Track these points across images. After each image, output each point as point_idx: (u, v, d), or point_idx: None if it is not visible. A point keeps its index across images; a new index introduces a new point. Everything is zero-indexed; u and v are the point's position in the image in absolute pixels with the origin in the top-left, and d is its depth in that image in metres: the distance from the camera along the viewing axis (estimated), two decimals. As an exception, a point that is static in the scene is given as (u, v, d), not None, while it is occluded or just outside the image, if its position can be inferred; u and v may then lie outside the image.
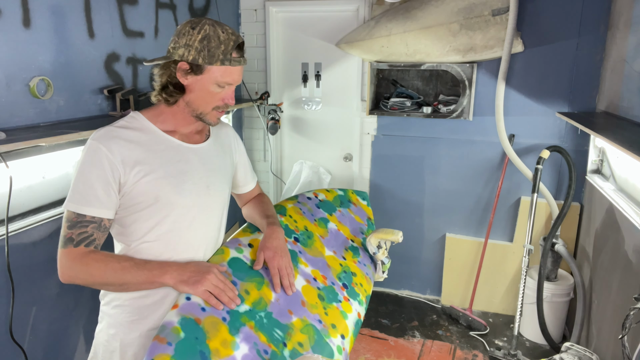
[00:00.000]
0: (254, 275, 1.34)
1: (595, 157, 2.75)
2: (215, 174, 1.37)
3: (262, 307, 1.28)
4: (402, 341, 2.96)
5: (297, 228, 1.62)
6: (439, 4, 2.86)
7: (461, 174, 3.26)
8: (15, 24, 1.79)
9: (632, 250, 2.01)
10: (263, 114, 3.56)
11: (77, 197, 1.18)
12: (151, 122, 1.29)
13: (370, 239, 1.69)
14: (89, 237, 1.18)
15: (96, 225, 1.19)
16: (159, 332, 1.08)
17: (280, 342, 1.23)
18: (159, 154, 1.25)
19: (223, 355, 1.11)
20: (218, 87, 1.25)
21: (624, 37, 2.42)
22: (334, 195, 1.90)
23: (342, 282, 1.54)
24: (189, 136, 1.34)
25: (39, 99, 1.90)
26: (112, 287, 1.21)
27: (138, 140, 1.24)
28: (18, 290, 1.78)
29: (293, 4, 3.39)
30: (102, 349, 1.32)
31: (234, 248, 1.39)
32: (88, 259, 1.16)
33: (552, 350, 2.80)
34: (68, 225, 1.18)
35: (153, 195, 1.22)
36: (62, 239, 1.18)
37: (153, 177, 1.22)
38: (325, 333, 1.34)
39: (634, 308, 1.50)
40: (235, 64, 1.25)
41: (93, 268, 1.16)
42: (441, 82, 3.30)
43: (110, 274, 1.16)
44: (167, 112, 1.30)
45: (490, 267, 3.21)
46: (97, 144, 1.19)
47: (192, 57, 1.22)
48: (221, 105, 1.28)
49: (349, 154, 3.54)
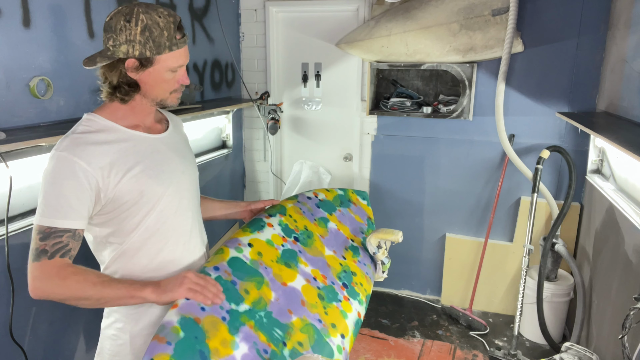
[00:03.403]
0: (254, 275, 1.35)
1: (595, 157, 2.75)
2: (186, 158, 1.41)
3: (262, 307, 1.28)
4: (402, 341, 2.96)
5: (297, 228, 1.62)
6: (439, 4, 2.86)
7: (461, 174, 3.26)
8: (15, 24, 1.79)
9: (632, 250, 2.01)
10: (263, 114, 3.56)
11: (50, 210, 1.13)
12: (111, 121, 1.25)
13: (370, 239, 1.69)
14: (64, 247, 1.14)
15: (71, 235, 1.15)
16: (159, 331, 1.08)
17: (280, 342, 1.23)
18: (130, 151, 1.24)
19: (223, 355, 1.11)
20: (171, 73, 1.25)
21: (624, 37, 2.43)
22: (334, 194, 1.90)
23: (342, 282, 1.54)
24: (152, 128, 1.35)
25: (39, 99, 1.90)
26: (89, 302, 1.13)
27: (105, 141, 1.21)
28: (18, 290, 1.78)
29: (293, 4, 3.39)
30: (110, 343, 1.32)
31: (234, 248, 1.39)
32: (66, 272, 1.12)
33: (552, 350, 2.80)
34: (40, 237, 1.12)
35: (137, 191, 1.23)
36: (33, 252, 1.12)
37: (133, 174, 1.22)
38: (325, 332, 1.34)
39: (634, 308, 1.50)
40: (182, 44, 1.24)
41: (71, 281, 1.11)
42: (441, 82, 3.30)
43: (89, 288, 1.12)
44: (123, 108, 1.28)
45: (490, 267, 3.21)
46: (66, 155, 1.14)
47: (139, 52, 1.19)
48: (177, 87, 1.29)
49: (349, 154, 3.54)
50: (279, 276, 1.41)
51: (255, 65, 3.58)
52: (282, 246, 1.51)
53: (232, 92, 3.55)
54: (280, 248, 1.50)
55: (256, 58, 3.56)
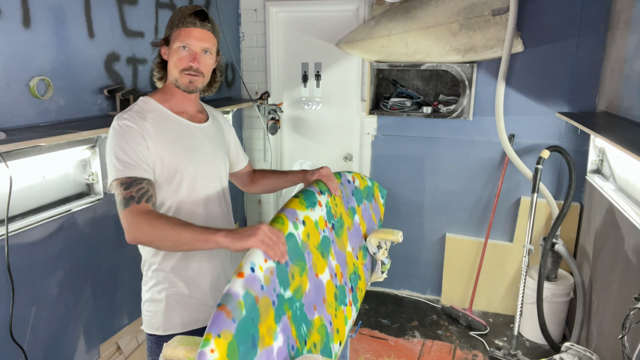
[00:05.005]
0: (300, 259, 1.26)
1: (595, 157, 2.75)
2: (219, 148, 1.56)
3: (299, 297, 1.21)
4: (402, 341, 2.96)
5: (336, 214, 1.53)
6: (439, 4, 2.86)
7: (461, 174, 3.26)
8: (15, 24, 1.79)
9: (632, 250, 2.01)
10: (263, 114, 3.56)
11: (124, 165, 1.27)
12: (160, 104, 1.43)
13: (370, 239, 1.68)
14: (146, 192, 1.26)
15: (148, 182, 1.29)
16: (225, 301, 0.98)
17: (303, 340, 1.17)
18: (173, 132, 1.41)
19: (266, 344, 1.04)
20: (182, 50, 1.39)
21: (624, 37, 2.42)
22: (365, 184, 1.81)
23: (351, 284, 1.48)
24: (194, 116, 1.51)
25: (39, 99, 1.90)
26: (169, 243, 1.21)
27: (155, 120, 1.38)
28: (18, 290, 1.78)
29: (293, 4, 3.39)
30: (148, 306, 1.46)
31: (292, 222, 1.29)
32: (152, 215, 1.22)
33: (552, 350, 2.80)
34: (124, 187, 1.25)
35: (174, 167, 1.37)
36: (122, 202, 1.23)
37: (172, 152, 1.37)
38: (331, 337, 1.29)
39: (634, 308, 1.50)
40: (189, 25, 1.38)
41: (158, 222, 1.20)
42: (441, 82, 3.30)
43: (171, 228, 1.19)
44: (168, 91, 1.46)
45: (490, 267, 3.21)
46: (126, 122, 1.32)
47: (165, 35, 1.44)
48: (186, 67, 1.39)
49: (349, 154, 3.54)
50: (315, 265, 1.32)
51: (255, 65, 3.58)
52: (323, 232, 1.42)
53: (232, 92, 3.55)
54: (322, 233, 1.41)
55: (256, 58, 3.56)
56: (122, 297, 2.41)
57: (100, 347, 2.29)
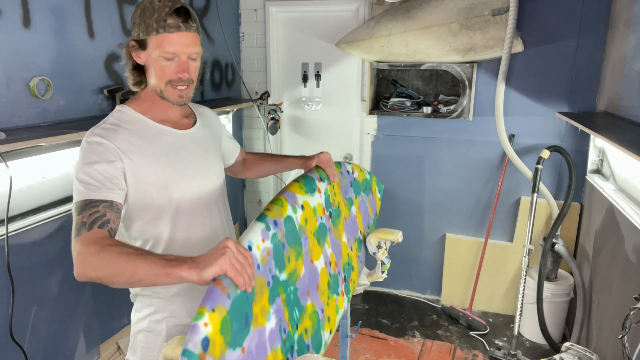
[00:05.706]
0: (297, 243, 1.26)
1: (595, 157, 2.75)
2: (211, 153, 1.41)
3: (294, 281, 1.21)
4: (402, 341, 2.96)
5: (334, 202, 1.53)
6: (439, 4, 2.86)
7: (461, 174, 3.26)
8: (15, 24, 1.79)
9: (632, 250, 2.01)
10: (263, 114, 3.56)
11: (84, 186, 1.11)
12: (139, 113, 1.27)
13: (370, 239, 1.68)
14: (101, 217, 1.08)
15: (108, 205, 1.10)
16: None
17: (295, 324, 1.17)
18: (157, 145, 1.25)
19: (259, 324, 1.04)
20: (165, 60, 1.20)
21: (624, 37, 2.42)
22: (363, 177, 1.81)
23: (344, 274, 1.49)
24: (178, 123, 1.35)
25: (39, 99, 1.90)
26: (124, 278, 0.99)
27: (134, 132, 1.23)
28: (18, 290, 1.78)
29: (293, 4, 3.39)
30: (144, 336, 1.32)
31: (291, 205, 1.27)
32: (103, 244, 1.02)
33: (552, 350, 2.80)
34: (77, 212, 1.08)
35: (161, 183, 1.23)
36: (74, 230, 1.06)
37: (158, 167, 1.23)
38: (322, 325, 1.30)
39: (634, 308, 1.50)
40: (172, 30, 1.17)
41: (107, 253, 1.00)
42: (441, 82, 3.30)
43: (125, 260, 0.98)
44: (147, 98, 1.29)
45: (490, 267, 3.21)
46: (96, 139, 1.16)
47: (136, 33, 1.21)
48: (175, 79, 1.22)
49: (349, 154, 3.54)
50: (311, 251, 1.32)
51: (255, 65, 3.58)
52: (321, 219, 1.41)
53: (232, 92, 3.55)
54: (319, 220, 1.40)
55: (256, 58, 3.56)
56: (122, 297, 2.41)
57: (100, 347, 2.29)
